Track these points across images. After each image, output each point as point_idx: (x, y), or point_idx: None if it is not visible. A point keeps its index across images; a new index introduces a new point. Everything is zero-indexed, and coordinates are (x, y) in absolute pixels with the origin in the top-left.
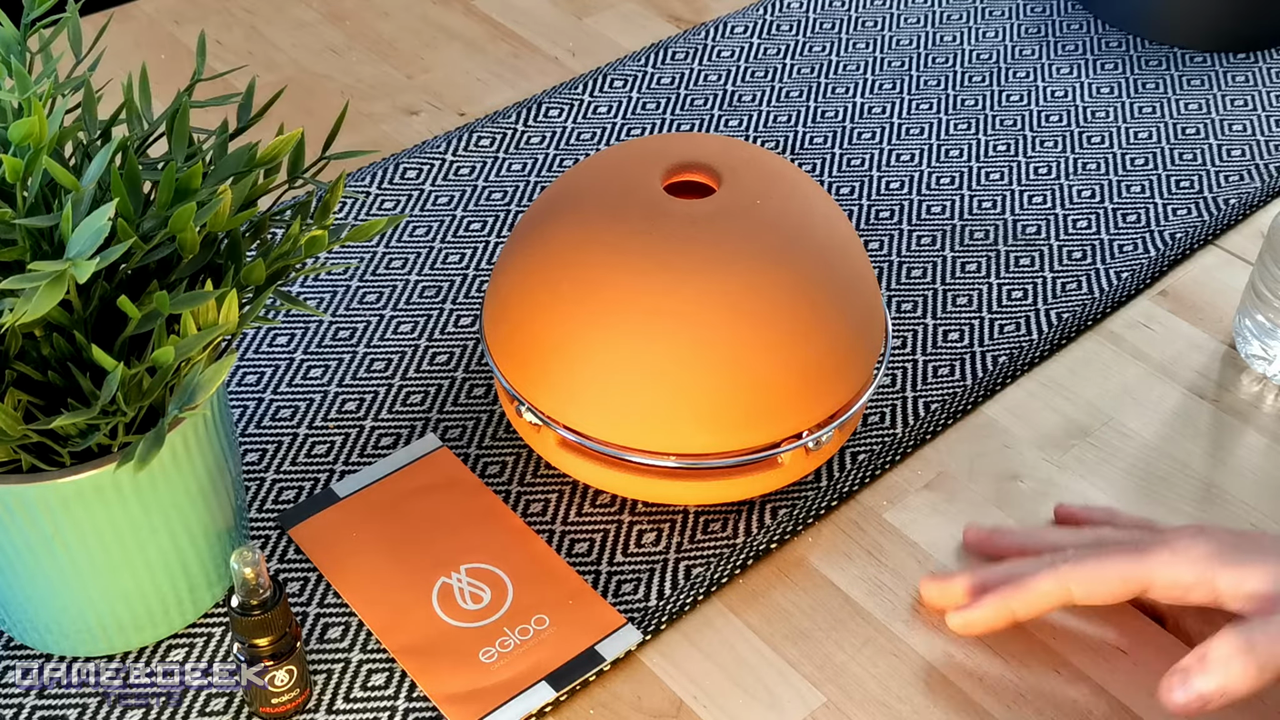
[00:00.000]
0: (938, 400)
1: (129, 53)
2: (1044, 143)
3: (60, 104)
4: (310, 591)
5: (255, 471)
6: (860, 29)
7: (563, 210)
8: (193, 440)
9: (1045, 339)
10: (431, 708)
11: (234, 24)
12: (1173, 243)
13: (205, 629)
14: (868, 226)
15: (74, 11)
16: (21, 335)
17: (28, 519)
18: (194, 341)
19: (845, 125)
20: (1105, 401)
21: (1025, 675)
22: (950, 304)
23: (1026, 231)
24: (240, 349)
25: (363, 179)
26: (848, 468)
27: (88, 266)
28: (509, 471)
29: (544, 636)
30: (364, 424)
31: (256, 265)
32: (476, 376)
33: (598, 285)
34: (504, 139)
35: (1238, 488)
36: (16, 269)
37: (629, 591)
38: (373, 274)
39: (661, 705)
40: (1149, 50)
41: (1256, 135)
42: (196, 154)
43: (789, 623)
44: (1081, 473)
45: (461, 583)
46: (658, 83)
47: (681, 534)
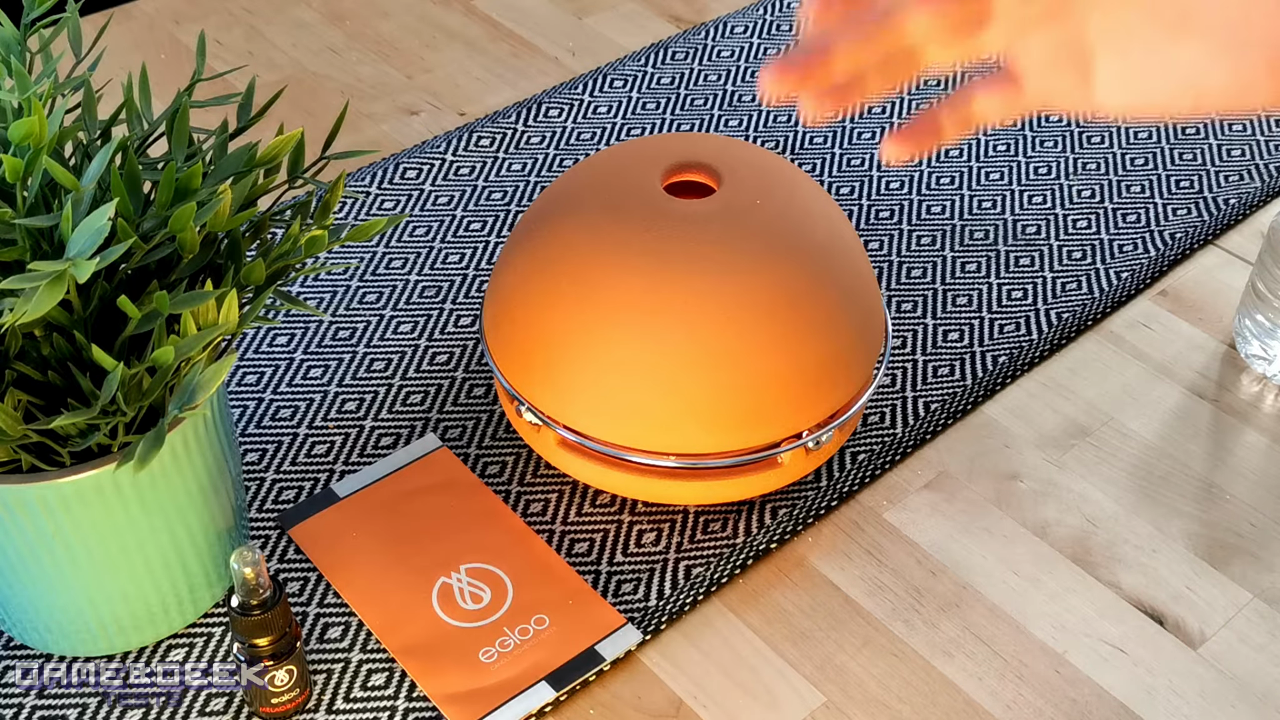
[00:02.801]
0: (938, 400)
1: (129, 53)
2: (1044, 143)
3: (60, 104)
4: (310, 591)
5: (255, 471)
6: None
7: (563, 210)
8: (193, 440)
9: (1045, 339)
10: (431, 708)
11: (234, 24)
12: (1173, 243)
13: (205, 629)
14: (868, 226)
15: (74, 11)
16: (21, 335)
17: (28, 519)
18: (194, 341)
19: (845, 125)
20: (1105, 401)
21: (1025, 675)
22: (950, 304)
23: (1026, 231)
24: (240, 349)
25: (363, 179)
26: (848, 468)
27: (88, 266)
28: (509, 471)
29: (544, 636)
30: (364, 424)
31: (256, 265)
32: (476, 376)
33: (598, 285)
34: (504, 139)
35: (1238, 487)
36: (16, 269)
37: (629, 591)
38: (373, 274)
39: (661, 705)
40: None
41: (1256, 135)
42: (196, 154)
43: (789, 623)
44: (1081, 473)
45: (461, 583)
46: (658, 83)
47: (681, 534)
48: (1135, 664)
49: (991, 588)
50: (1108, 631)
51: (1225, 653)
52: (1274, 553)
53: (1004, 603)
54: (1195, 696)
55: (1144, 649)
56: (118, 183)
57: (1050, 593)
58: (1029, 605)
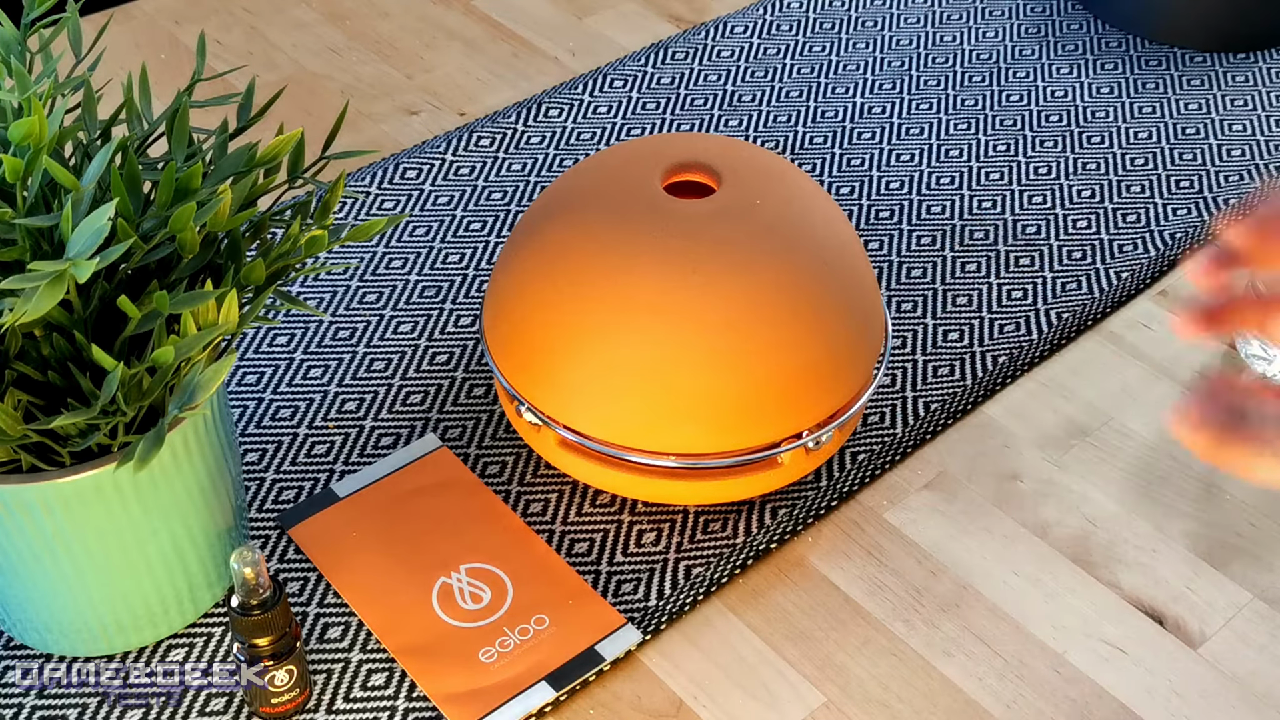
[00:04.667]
0: (938, 400)
1: (129, 53)
2: (1044, 143)
3: (60, 104)
4: (310, 591)
5: (255, 471)
6: (860, 29)
7: (563, 210)
8: (193, 440)
9: (1045, 339)
10: (431, 708)
11: (234, 24)
12: (1173, 243)
13: (205, 629)
14: (868, 226)
15: (74, 11)
16: (21, 335)
17: (28, 519)
18: (194, 341)
19: (845, 125)
20: (1105, 401)
21: (1025, 675)
22: (950, 304)
23: (1026, 231)
24: (240, 349)
25: (363, 179)
26: (848, 468)
27: (88, 266)
28: (509, 471)
29: (544, 636)
30: (364, 424)
31: (256, 265)
32: (476, 376)
33: (598, 285)
34: (504, 139)
35: (1237, 487)
36: (16, 269)
37: (629, 591)
38: (373, 274)
39: (661, 705)
40: (1149, 50)
41: (1256, 135)
42: (196, 154)
43: (789, 622)
44: (1081, 472)
45: (461, 583)
46: (658, 83)
47: (681, 534)
48: (1135, 664)
49: (991, 588)
50: (1108, 631)
51: (1225, 653)
52: (1274, 553)
53: (1004, 603)
54: (1195, 696)
55: (1144, 649)
56: (118, 183)
57: (1050, 592)
58: (1029, 605)
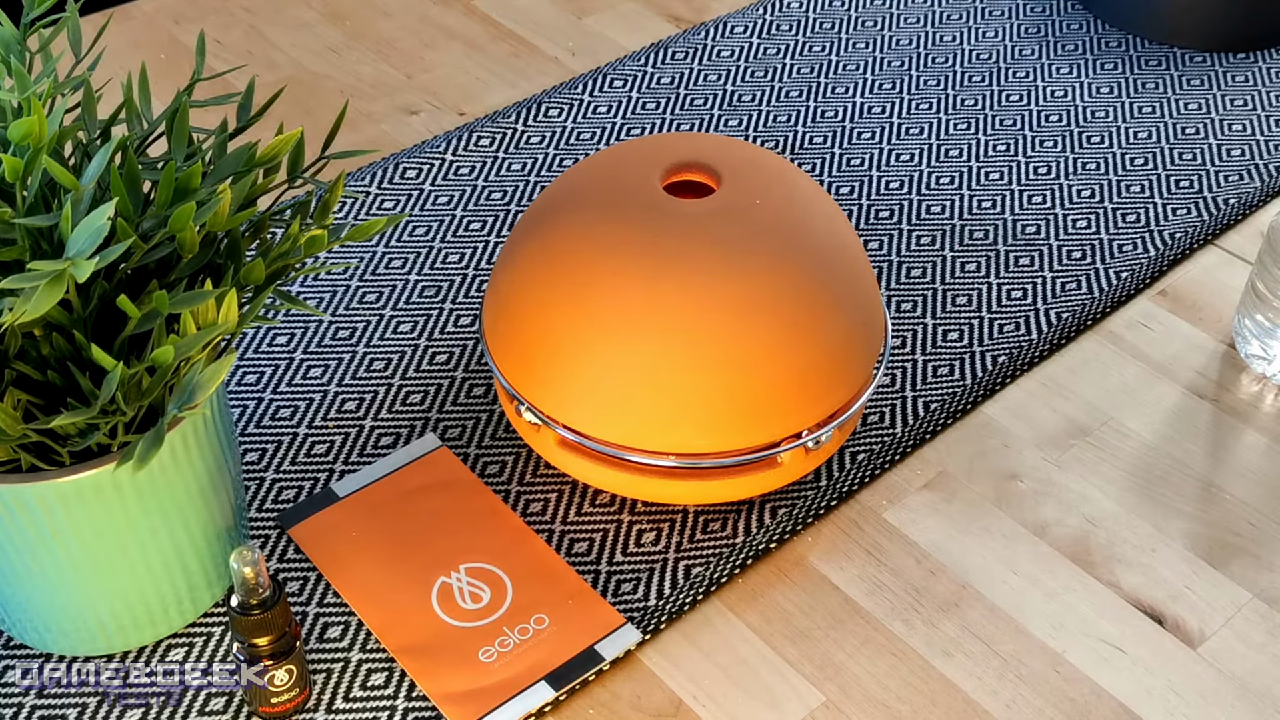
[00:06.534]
0: (937, 400)
1: (129, 53)
2: (1044, 143)
3: (60, 104)
4: (310, 591)
5: (255, 471)
6: (860, 29)
7: (562, 210)
8: (192, 440)
9: (1045, 339)
10: (431, 707)
11: (234, 24)
12: (1172, 243)
13: (205, 629)
14: (868, 226)
15: (74, 11)
16: (21, 335)
17: (28, 519)
18: (193, 341)
19: (845, 125)
20: (1105, 401)
21: (1024, 675)
22: (950, 304)
23: (1026, 231)
24: (240, 349)
25: (363, 179)
26: (847, 467)
27: (87, 266)
28: (509, 471)
29: (543, 636)
30: (364, 424)
31: (256, 265)
32: (476, 376)
33: (598, 285)
34: (504, 139)
35: (1237, 487)
36: (16, 268)
37: (629, 591)
38: (373, 274)
39: (661, 705)
40: (1149, 50)
41: (1256, 135)
42: (196, 154)
43: (788, 622)
44: (1081, 472)
45: (461, 582)
46: (658, 83)
47: (681, 534)
48: (1134, 663)
49: (991, 587)
50: (1107, 631)
51: (1224, 652)
52: (1273, 552)
53: (1003, 602)
54: (1194, 696)
55: (1143, 648)
56: (117, 182)
57: (1049, 592)
58: (1028, 605)
